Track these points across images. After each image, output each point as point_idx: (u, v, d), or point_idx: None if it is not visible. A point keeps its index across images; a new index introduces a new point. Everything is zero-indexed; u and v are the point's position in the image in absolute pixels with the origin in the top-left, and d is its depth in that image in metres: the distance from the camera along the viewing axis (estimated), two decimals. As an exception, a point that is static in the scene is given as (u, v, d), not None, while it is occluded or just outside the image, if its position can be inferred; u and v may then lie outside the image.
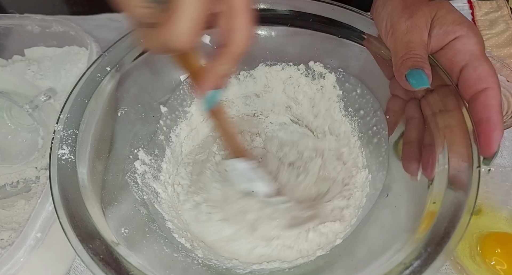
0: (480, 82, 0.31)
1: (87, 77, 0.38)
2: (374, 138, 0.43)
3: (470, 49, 0.32)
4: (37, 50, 0.58)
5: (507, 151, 0.51)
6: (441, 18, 0.34)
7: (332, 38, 0.43)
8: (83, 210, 0.31)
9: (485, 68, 0.31)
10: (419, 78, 0.32)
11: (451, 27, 0.33)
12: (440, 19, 0.34)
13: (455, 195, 0.29)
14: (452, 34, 0.33)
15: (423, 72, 0.32)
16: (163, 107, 0.46)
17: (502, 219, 0.44)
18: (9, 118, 0.53)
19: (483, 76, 0.31)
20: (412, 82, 0.32)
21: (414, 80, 0.32)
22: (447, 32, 0.33)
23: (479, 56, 0.32)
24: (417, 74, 0.32)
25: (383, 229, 0.37)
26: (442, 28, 0.33)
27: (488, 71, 0.31)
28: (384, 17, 0.37)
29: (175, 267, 0.36)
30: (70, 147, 0.34)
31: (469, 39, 0.33)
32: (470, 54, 0.32)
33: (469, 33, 0.33)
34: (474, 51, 0.32)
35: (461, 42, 0.33)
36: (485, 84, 0.31)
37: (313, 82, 0.48)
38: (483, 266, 0.40)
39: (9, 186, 0.51)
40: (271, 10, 0.43)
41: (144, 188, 0.41)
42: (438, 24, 0.34)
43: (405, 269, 0.27)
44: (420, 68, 0.32)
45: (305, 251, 0.40)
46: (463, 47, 0.33)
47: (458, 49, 0.33)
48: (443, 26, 0.33)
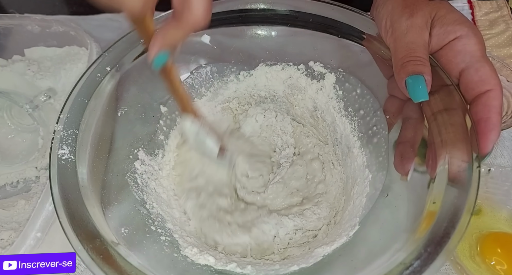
0: (482, 84, 0.31)
1: (87, 77, 0.38)
2: (374, 138, 0.43)
3: (471, 50, 0.32)
4: (37, 50, 0.58)
5: (507, 151, 0.51)
6: (441, 18, 0.34)
7: (332, 38, 0.43)
8: (83, 210, 0.31)
9: (486, 70, 0.31)
10: (418, 89, 0.32)
11: (451, 27, 0.33)
12: (440, 19, 0.34)
13: (455, 195, 0.29)
14: (453, 33, 0.33)
15: (423, 81, 0.32)
16: (163, 107, 0.46)
17: (502, 219, 0.44)
18: (9, 118, 0.53)
19: (485, 78, 0.31)
20: (411, 93, 0.32)
21: (412, 91, 0.32)
22: (447, 32, 0.33)
23: (480, 57, 0.32)
24: (417, 84, 0.32)
25: (383, 229, 0.37)
26: (443, 28, 0.33)
27: (490, 72, 0.31)
28: (384, 15, 0.37)
29: (175, 267, 0.36)
30: (70, 147, 0.34)
31: (469, 40, 0.32)
32: (471, 55, 0.32)
33: (469, 33, 0.33)
34: (475, 52, 0.32)
35: (462, 43, 0.33)
36: (488, 86, 0.31)
37: (313, 82, 0.48)
38: (483, 266, 0.40)
39: (9, 186, 0.51)
40: (271, 10, 0.43)
41: (144, 188, 0.41)
42: (438, 24, 0.33)
43: (405, 269, 0.27)
44: (420, 74, 0.32)
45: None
46: (463, 48, 0.33)
47: (458, 50, 0.33)
48: (443, 26, 0.33)
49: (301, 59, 0.47)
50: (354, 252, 0.36)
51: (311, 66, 0.47)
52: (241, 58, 0.48)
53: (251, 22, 0.44)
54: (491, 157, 0.50)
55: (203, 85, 0.49)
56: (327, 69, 0.47)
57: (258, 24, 0.45)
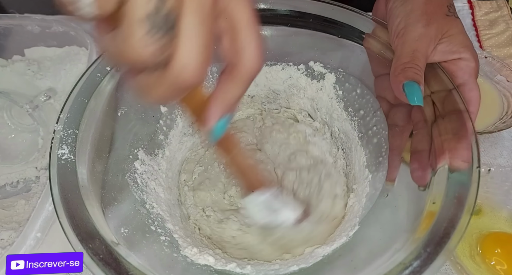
0: (468, 104, 0.34)
1: (87, 77, 0.38)
2: (374, 138, 0.43)
3: (470, 72, 0.35)
4: (37, 50, 0.58)
5: (507, 151, 0.51)
6: (451, 37, 0.35)
7: (332, 38, 0.43)
8: (83, 210, 0.31)
9: (475, 93, 0.35)
10: (415, 93, 0.33)
11: (456, 48, 0.35)
12: (450, 38, 0.35)
13: (455, 195, 0.29)
14: (457, 54, 0.35)
15: (419, 88, 0.33)
16: (163, 107, 0.46)
17: (502, 219, 0.44)
18: (9, 118, 0.53)
19: (473, 100, 0.35)
20: (408, 95, 0.33)
21: (410, 94, 0.33)
22: (452, 52, 0.35)
23: (474, 80, 0.35)
24: (414, 89, 0.33)
25: (383, 229, 0.37)
26: (449, 47, 0.35)
27: (477, 97, 0.35)
28: (401, 14, 0.37)
29: (175, 267, 0.36)
30: (70, 147, 0.34)
31: (470, 63, 0.35)
32: (469, 75, 0.35)
33: (471, 58, 0.35)
34: (472, 75, 0.35)
35: (464, 64, 0.35)
36: (471, 108, 0.34)
37: (313, 82, 0.48)
38: (483, 266, 0.40)
39: (9, 186, 0.51)
40: (271, 10, 0.43)
41: (144, 188, 0.41)
42: (446, 42, 0.35)
43: (404, 269, 0.27)
44: (416, 82, 0.33)
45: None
46: (465, 67, 0.35)
47: (461, 67, 0.35)
48: (450, 45, 0.35)
49: (301, 59, 0.47)
50: (354, 252, 0.36)
51: (311, 66, 0.47)
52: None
53: (251, 22, 0.44)
54: (491, 157, 0.50)
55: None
56: (327, 69, 0.47)
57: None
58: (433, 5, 0.36)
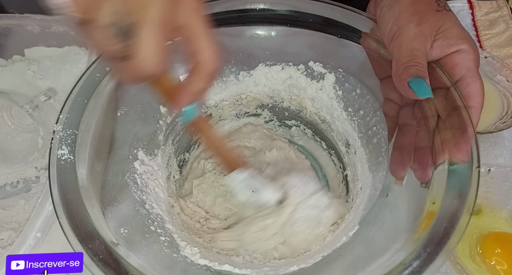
0: (467, 99, 0.33)
1: (87, 77, 0.38)
2: (374, 138, 0.43)
3: (468, 64, 0.34)
4: (37, 50, 0.58)
5: (507, 151, 0.51)
6: (445, 31, 0.35)
7: (332, 38, 0.43)
8: (83, 210, 0.31)
9: (475, 86, 0.34)
10: (422, 87, 0.33)
11: (453, 41, 0.34)
12: (444, 32, 0.35)
13: (455, 195, 0.29)
14: (455, 47, 0.35)
15: (425, 82, 0.33)
16: (163, 107, 0.46)
17: (502, 219, 0.44)
18: (9, 118, 0.53)
19: (472, 94, 0.34)
20: (416, 90, 0.33)
21: (417, 88, 0.33)
22: (449, 45, 0.35)
23: (474, 73, 0.34)
24: (420, 83, 0.33)
25: (383, 229, 0.37)
26: (445, 41, 0.35)
27: (477, 89, 0.34)
28: (390, 19, 0.37)
29: (174, 267, 0.36)
30: (69, 147, 0.34)
31: (468, 55, 0.34)
32: (467, 69, 0.34)
33: (469, 49, 0.34)
34: (471, 67, 0.34)
35: (461, 56, 0.35)
36: (471, 102, 0.33)
37: (313, 82, 0.48)
38: (483, 266, 0.40)
39: (9, 186, 0.51)
40: (271, 10, 0.43)
41: (144, 188, 0.41)
42: (442, 37, 0.35)
43: (404, 269, 0.27)
44: (421, 77, 0.33)
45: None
46: (461, 61, 0.34)
47: (457, 62, 0.35)
48: (446, 39, 0.35)
49: (301, 59, 0.47)
50: (353, 252, 0.36)
51: (311, 66, 0.47)
52: (241, 58, 0.48)
53: (250, 22, 0.44)
54: (491, 157, 0.50)
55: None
56: (327, 69, 0.47)
57: (257, 24, 0.45)
58: (421, 3, 0.36)
